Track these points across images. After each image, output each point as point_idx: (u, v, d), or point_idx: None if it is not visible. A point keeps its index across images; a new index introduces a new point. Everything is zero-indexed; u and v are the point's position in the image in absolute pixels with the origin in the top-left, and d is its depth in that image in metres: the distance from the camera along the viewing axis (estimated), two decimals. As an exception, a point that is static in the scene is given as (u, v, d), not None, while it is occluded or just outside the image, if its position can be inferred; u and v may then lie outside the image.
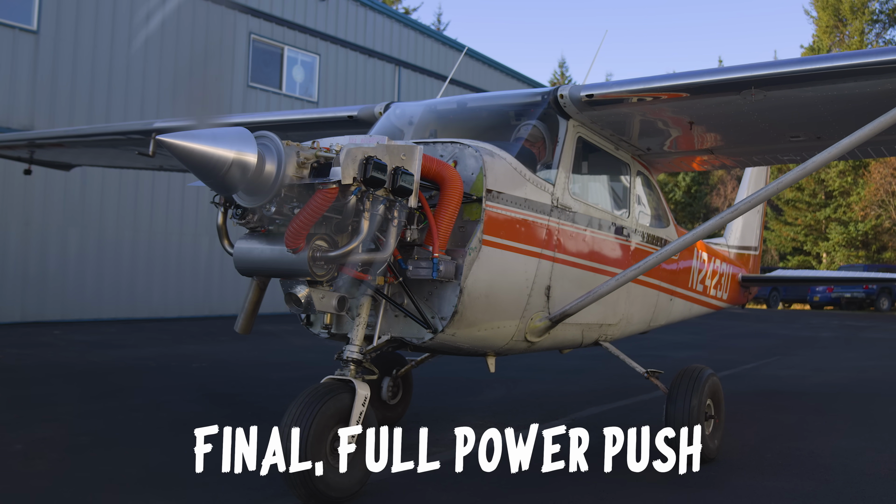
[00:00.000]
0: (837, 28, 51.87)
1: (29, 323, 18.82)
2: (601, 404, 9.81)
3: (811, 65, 6.52)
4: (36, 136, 12.84)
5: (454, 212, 5.71)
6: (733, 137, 8.35)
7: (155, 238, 21.97)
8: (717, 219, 6.64)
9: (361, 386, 5.45)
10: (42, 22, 19.74)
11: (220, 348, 15.34)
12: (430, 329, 5.92)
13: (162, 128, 10.52)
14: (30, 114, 19.38)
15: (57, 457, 6.61)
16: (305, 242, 5.04)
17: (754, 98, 6.81)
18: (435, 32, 33.35)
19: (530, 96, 7.51)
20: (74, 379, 10.95)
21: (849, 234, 47.45)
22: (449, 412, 9.14)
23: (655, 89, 7.01)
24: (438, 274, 5.58)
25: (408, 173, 5.30)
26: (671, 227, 9.15)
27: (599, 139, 7.83)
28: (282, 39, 25.95)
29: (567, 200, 7.03)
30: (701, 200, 54.01)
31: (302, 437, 5.10)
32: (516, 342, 6.69)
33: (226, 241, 5.72)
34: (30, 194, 19.11)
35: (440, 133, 7.37)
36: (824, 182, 49.13)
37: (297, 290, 5.36)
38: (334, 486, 5.29)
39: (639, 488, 6.05)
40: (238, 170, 4.69)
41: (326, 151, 5.07)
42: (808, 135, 7.99)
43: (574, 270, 7.12)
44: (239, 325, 5.87)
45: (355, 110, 8.96)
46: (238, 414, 8.53)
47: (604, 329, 7.83)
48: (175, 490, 5.78)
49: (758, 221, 13.78)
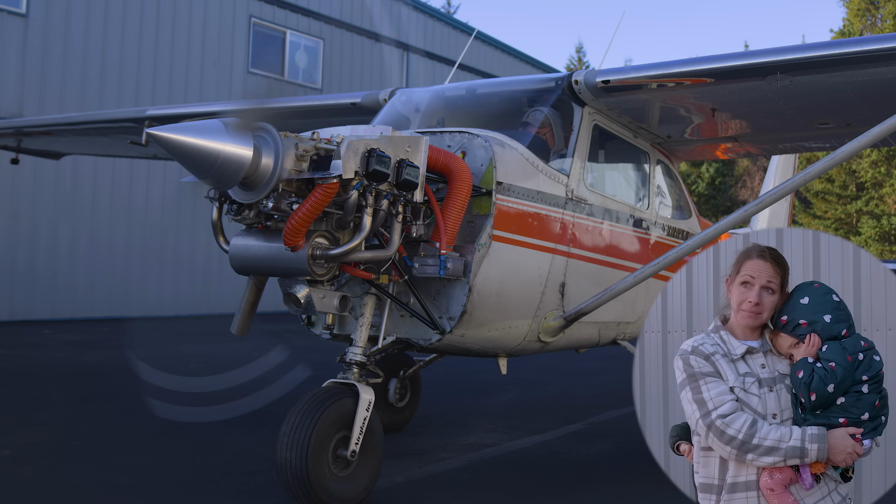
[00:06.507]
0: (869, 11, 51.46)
1: (17, 322, 18.86)
2: (621, 407, 9.78)
3: (840, 49, 6.48)
4: (24, 123, 12.86)
5: (462, 206, 5.69)
6: (758, 124, 8.31)
7: (150, 232, 21.98)
8: (743, 211, 6.61)
9: (365, 390, 5.44)
10: (31, 5, 19.74)
11: (218, 348, 15.35)
12: (437, 330, 5.90)
13: (156, 115, 10.53)
14: (18, 101, 19.39)
15: (47, 463, 6.62)
16: (305, 240, 5.02)
17: (780, 84, 6.77)
18: (445, 15, 33.23)
19: (543, 82, 7.48)
20: (65, 381, 10.98)
21: (882, 228, 47.07)
22: (460, 415, 9.13)
23: (676, 74, 6.97)
24: (446, 272, 5.56)
25: (413, 166, 5.29)
26: (693, 219, 9.11)
27: (617, 127, 7.80)
28: (283, 23, 25.90)
29: (582, 192, 7.00)
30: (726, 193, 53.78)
31: (302, 446, 5.10)
32: (529, 342, 6.67)
33: (221, 238, 5.69)
34: (18, 186, 19.14)
35: (448, 121, 7.36)
36: (856, 173, 48.77)
37: (296, 289, 5.35)
38: (337, 494, 5.28)
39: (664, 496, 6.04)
40: (232, 163, 4.68)
41: (327, 143, 5.06)
42: (838, 122, 7.93)
43: (590, 266, 7.10)
44: (235, 327, 5.85)
45: (359, 97, 8.95)
46: (237, 417, 8.54)
47: (622, 327, 7.80)
48: (172, 497, 5.78)
49: (785, 213, 13.75)
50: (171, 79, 22.29)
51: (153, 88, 21.87)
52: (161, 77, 22.12)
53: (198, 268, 22.99)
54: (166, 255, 22.33)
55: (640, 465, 5.91)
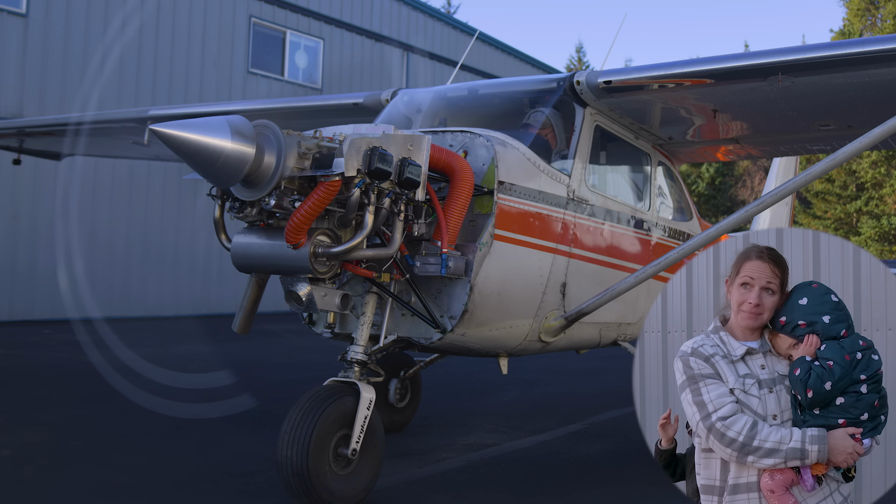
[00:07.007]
0: (869, 11, 51.47)
1: (17, 322, 18.87)
2: (621, 407, 9.78)
3: (841, 50, 6.50)
4: (25, 123, 12.88)
5: (464, 205, 5.70)
6: (759, 126, 8.32)
7: (150, 232, 21.98)
8: (743, 211, 6.60)
9: (366, 389, 5.44)
10: (31, 5, 19.74)
11: (218, 348, 15.34)
12: (438, 329, 5.91)
13: (157, 116, 10.54)
14: (19, 101, 19.39)
15: (47, 463, 6.61)
16: (307, 237, 5.03)
17: (781, 85, 6.78)
18: (445, 16, 33.23)
19: (545, 83, 7.49)
20: (65, 381, 10.98)
21: (882, 228, 47.09)
22: (460, 416, 9.13)
23: (677, 75, 6.99)
24: (447, 271, 5.57)
25: (415, 164, 5.29)
26: (694, 221, 9.12)
27: (618, 128, 7.81)
28: (284, 23, 25.90)
29: (584, 192, 7.01)
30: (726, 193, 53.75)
31: (303, 444, 5.11)
32: (530, 342, 6.68)
33: (223, 236, 5.68)
34: (18, 186, 19.14)
35: (450, 121, 7.37)
36: (856, 173, 48.79)
37: (297, 287, 5.36)
38: (338, 493, 5.29)
39: (664, 496, 6.05)
40: (235, 161, 4.68)
41: (329, 141, 5.07)
42: (839, 123, 7.95)
43: (591, 266, 7.11)
44: (237, 325, 5.85)
45: (361, 97, 8.97)
46: (237, 417, 8.54)
47: (623, 328, 7.81)
48: (172, 497, 5.78)
49: (786, 214, 13.75)
50: (171, 79, 22.27)
51: (153, 88, 21.87)
52: (161, 77, 22.11)
53: (198, 268, 22.96)
54: (166, 255, 22.32)
55: (640, 465, 5.92)
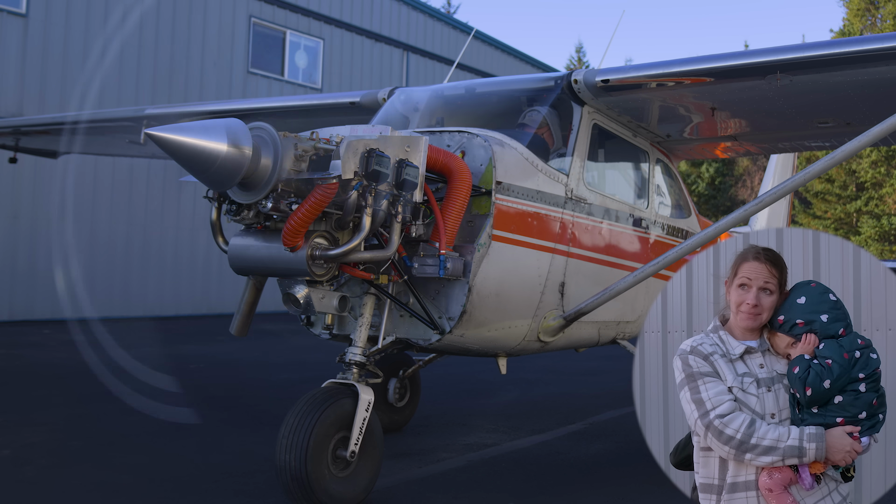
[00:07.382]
0: (869, 10, 51.41)
1: (17, 322, 18.87)
2: (621, 407, 9.78)
3: (840, 48, 6.48)
4: (21, 122, 12.88)
5: (462, 206, 5.69)
6: (758, 123, 8.31)
7: (150, 232, 21.98)
8: (742, 210, 6.60)
9: (365, 390, 5.44)
10: (31, 5, 19.73)
11: (218, 349, 15.35)
12: (437, 330, 5.90)
13: (154, 115, 10.53)
14: (18, 101, 19.39)
15: (47, 463, 6.62)
16: (304, 240, 5.02)
17: (780, 83, 6.77)
18: (444, 15, 33.20)
19: (543, 81, 7.48)
20: (65, 381, 10.97)
21: (882, 228, 47.01)
22: (460, 416, 9.13)
23: (676, 74, 6.97)
24: (445, 272, 5.56)
25: (412, 166, 5.28)
26: (693, 218, 9.11)
27: (616, 126, 7.80)
28: (284, 23, 25.89)
29: (582, 191, 7.00)
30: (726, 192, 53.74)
31: (301, 447, 5.10)
32: (529, 342, 6.67)
33: (220, 238, 5.68)
34: (18, 186, 19.13)
35: (447, 120, 7.35)
36: (855, 173, 48.74)
37: (295, 290, 5.35)
38: (337, 495, 5.28)
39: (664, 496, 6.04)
40: (231, 164, 4.67)
41: (326, 143, 5.05)
42: (837, 121, 7.94)
43: (590, 266, 7.09)
44: (234, 327, 5.84)
45: (358, 96, 8.95)
46: (237, 417, 8.55)
47: (622, 327, 7.80)
48: (172, 497, 5.78)
49: (785, 213, 13.74)
50: (171, 79, 22.25)
51: (153, 88, 21.86)
52: (161, 77, 22.10)
53: (198, 268, 22.96)
54: (166, 255, 22.31)
55: (640, 465, 5.90)
